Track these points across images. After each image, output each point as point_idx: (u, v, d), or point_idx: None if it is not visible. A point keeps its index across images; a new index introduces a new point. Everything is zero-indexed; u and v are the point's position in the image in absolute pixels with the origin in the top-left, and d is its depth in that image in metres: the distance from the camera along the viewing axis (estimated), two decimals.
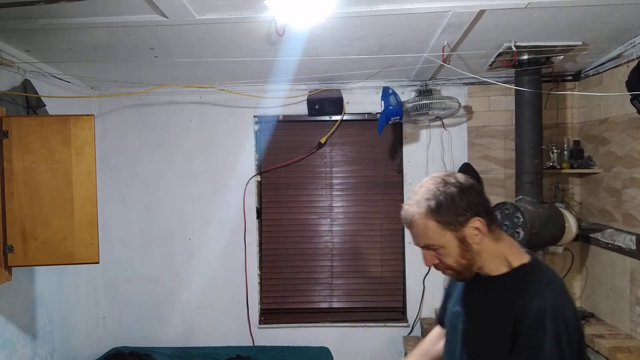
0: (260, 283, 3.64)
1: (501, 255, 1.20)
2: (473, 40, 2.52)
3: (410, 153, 3.51)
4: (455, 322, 1.30)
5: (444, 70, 3.06)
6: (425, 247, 1.20)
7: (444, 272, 1.23)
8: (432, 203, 1.15)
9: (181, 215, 3.58)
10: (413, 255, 3.51)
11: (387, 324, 3.53)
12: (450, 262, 1.18)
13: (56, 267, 2.85)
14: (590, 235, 3.18)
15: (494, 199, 3.24)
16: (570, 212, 3.05)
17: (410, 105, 3.26)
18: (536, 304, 1.10)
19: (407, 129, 3.51)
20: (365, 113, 3.54)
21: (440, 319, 1.49)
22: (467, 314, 1.27)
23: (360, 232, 3.62)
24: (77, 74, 3.10)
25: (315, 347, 3.36)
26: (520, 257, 1.22)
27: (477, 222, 1.16)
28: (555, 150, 3.26)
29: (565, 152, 3.28)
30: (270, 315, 3.64)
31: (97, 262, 2.22)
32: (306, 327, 3.54)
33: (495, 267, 1.20)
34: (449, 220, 1.15)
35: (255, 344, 3.53)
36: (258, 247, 3.62)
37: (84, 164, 2.18)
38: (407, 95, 3.45)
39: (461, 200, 1.15)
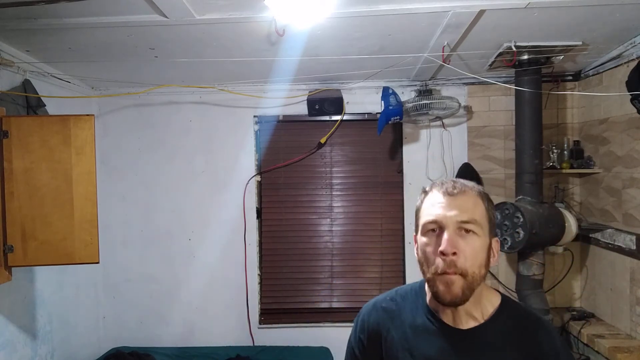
0: (260, 283, 3.64)
1: (479, 293, 1.06)
2: (473, 40, 2.52)
3: (410, 153, 3.51)
4: None
5: (444, 70, 3.06)
6: (463, 225, 1.01)
7: (448, 276, 1.00)
8: (485, 192, 1.08)
9: (181, 215, 3.58)
10: (413, 255, 3.50)
11: None
12: (470, 261, 1.00)
13: (56, 267, 2.85)
14: (590, 235, 3.18)
15: (494, 199, 3.22)
16: (570, 212, 3.05)
17: (410, 105, 3.26)
18: (552, 343, 1.04)
19: (407, 129, 3.51)
20: (365, 113, 3.54)
21: None
22: None
23: (360, 232, 3.62)
24: (77, 74, 3.10)
25: (315, 347, 3.36)
26: (493, 294, 1.11)
27: (497, 242, 1.08)
28: (555, 150, 3.26)
29: (565, 152, 3.28)
30: (270, 315, 3.64)
31: (97, 262, 2.22)
32: (306, 327, 3.54)
33: (474, 308, 1.06)
34: (492, 216, 1.06)
35: (255, 344, 3.52)
36: (258, 247, 3.62)
37: (84, 164, 2.18)
38: (407, 95, 3.45)
39: (495, 214, 1.10)
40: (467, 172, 3.39)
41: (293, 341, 3.45)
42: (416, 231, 1.09)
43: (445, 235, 1.00)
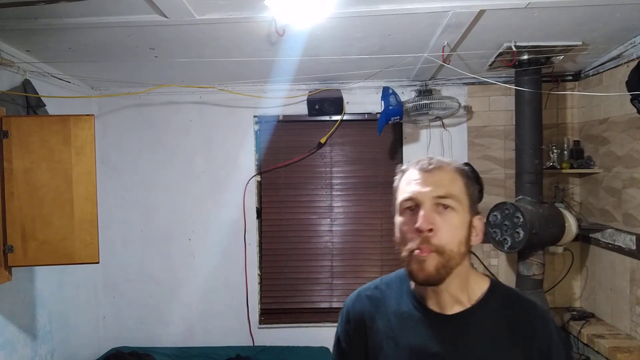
0: (260, 283, 3.64)
1: (465, 276, 1.02)
2: (473, 40, 2.52)
3: (410, 153, 3.51)
4: None
5: (444, 70, 3.06)
6: (439, 200, 0.97)
7: (424, 255, 0.95)
8: (466, 168, 1.04)
9: (181, 215, 3.58)
10: None
11: None
12: (448, 238, 0.95)
13: (56, 267, 2.85)
14: (590, 235, 3.18)
15: (494, 199, 3.24)
16: (570, 212, 3.05)
17: (410, 105, 3.26)
18: (547, 327, 1.01)
19: (407, 129, 3.51)
20: (365, 113, 3.54)
21: None
22: None
23: (360, 232, 3.62)
24: (77, 74, 3.10)
25: (315, 347, 3.36)
26: (482, 279, 1.07)
27: (480, 221, 1.04)
28: (555, 150, 3.26)
29: (565, 152, 3.28)
30: (270, 315, 3.64)
31: (97, 262, 2.22)
32: (306, 327, 3.54)
33: (461, 292, 1.02)
34: (472, 192, 1.02)
35: (255, 344, 3.52)
36: (258, 247, 3.62)
37: (84, 164, 2.18)
38: (407, 95, 3.45)
39: (477, 190, 1.05)
40: None
41: (293, 341, 3.45)
42: (394, 212, 1.05)
43: (421, 212, 0.96)
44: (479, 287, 1.04)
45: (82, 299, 3.35)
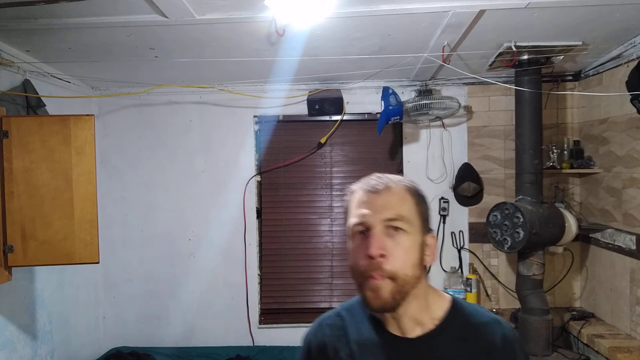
0: (260, 283, 3.64)
1: (424, 296, 1.00)
2: (473, 40, 2.52)
3: (410, 153, 3.51)
4: None
5: (444, 70, 3.06)
6: (389, 223, 0.94)
7: (377, 282, 0.92)
8: (415, 186, 1.01)
9: (181, 215, 3.58)
10: None
11: None
12: (401, 262, 0.92)
13: (56, 267, 2.85)
14: (590, 235, 3.18)
15: (494, 199, 3.25)
16: (570, 212, 3.05)
17: (410, 105, 3.26)
18: (511, 349, 0.98)
19: (407, 129, 3.51)
20: (365, 113, 3.54)
21: None
22: None
23: None
24: (77, 74, 3.10)
25: None
26: (442, 298, 1.04)
27: (433, 238, 1.00)
28: (555, 150, 3.26)
29: (565, 152, 3.28)
30: (270, 315, 3.64)
31: (97, 262, 2.22)
32: (306, 327, 3.50)
33: (421, 314, 0.99)
34: (423, 211, 0.99)
35: (255, 344, 3.52)
36: (258, 247, 3.62)
37: (84, 164, 2.18)
38: (407, 95, 3.45)
39: (428, 208, 1.01)
40: (467, 172, 3.39)
41: (293, 341, 3.44)
42: (348, 236, 1.01)
43: (372, 236, 0.92)
44: (440, 306, 1.01)
45: (82, 299, 3.35)
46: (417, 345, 0.97)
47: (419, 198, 0.99)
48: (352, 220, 0.98)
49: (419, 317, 0.98)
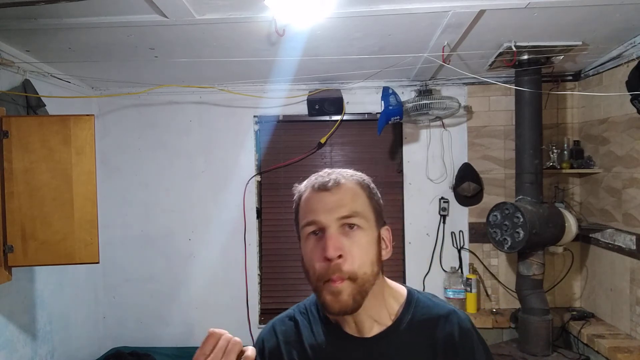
0: (260, 283, 3.64)
1: (381, 292, 0.97)
2: (473, 40, 2.52)
3: (410, 153, 3.51)
4: None
5: (444, 70, 3.06)
6: (344, 220, 0.90)
7: (337, 286, 0.88)
8: (365, 179, 0.99)
9: (181, 215, 3.58)
10: (413, 255, 3.51)
11: None
12: (359, 261, 0.88)
13: (56, 267, 2.85)
14: (590, 235, 3.18)
15: (494, 199, 3.25)
16: (570, 212, 3.05)
17: (410, 105, 3.26)
18: (468, 337, 0.96)
19: (407, 129, 3.51)
20: (365, 113, 3.54)
21: None
22: None
23: None
24: (77, 74, 3.10)
25: None
26: (397, 290, 1.01)
27: (388, 231, 0.97)
28: (555, 150, 3.26)
29: (565, 152, 3.28)
30: (270, 315, 3.63)
31: (97, 262, 2.22)
32: None
33: (378, 310, 0.96)
34: (376, 204, 0.96)
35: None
36: (258, 247, 3.62)
37: (84, 164, 2.18)
38: (407, 95, 3.45)
39: (380, 200, 0.98)
40: (467, 172, 3.40)
41: None
42: (299, 237, 0.97)
43: (327, 237, 0.88)
44: (396, 300, 0.98)
45: (82, 299, 3.35)
46: (373, 344, 0.94)
47: (371, 191, 0.96)
48: (304, 220, 0.94)
49: (376, 315, 0.95)
